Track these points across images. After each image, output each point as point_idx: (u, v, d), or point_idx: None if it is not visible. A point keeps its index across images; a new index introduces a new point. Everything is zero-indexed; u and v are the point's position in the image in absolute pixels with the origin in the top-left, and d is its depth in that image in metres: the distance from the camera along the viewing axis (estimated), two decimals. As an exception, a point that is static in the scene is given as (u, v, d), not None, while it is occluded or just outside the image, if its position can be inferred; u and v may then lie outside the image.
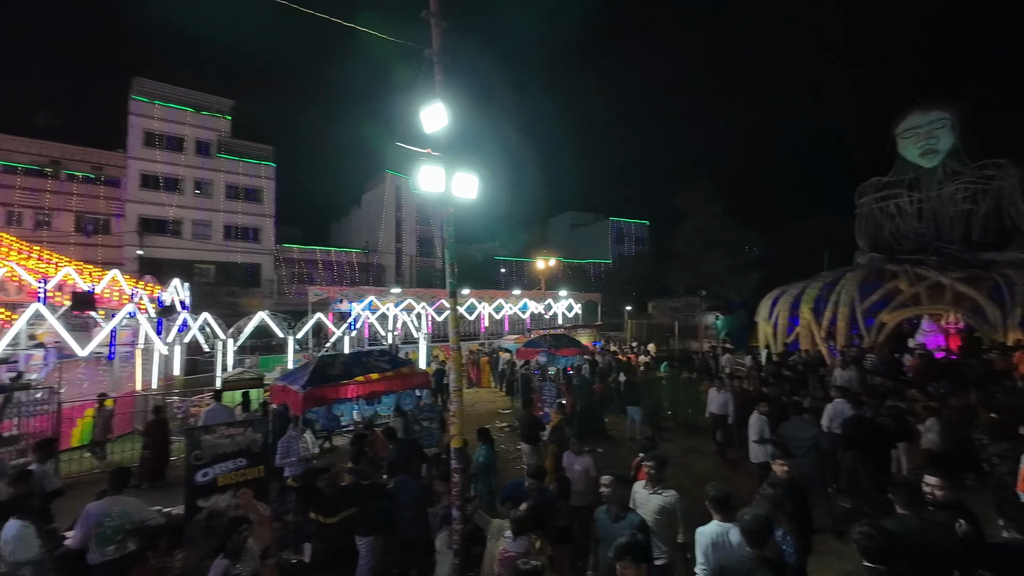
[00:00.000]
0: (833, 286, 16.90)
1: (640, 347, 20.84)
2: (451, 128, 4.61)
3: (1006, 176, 16.82)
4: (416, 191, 10.07)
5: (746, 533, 2.88)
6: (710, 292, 31.03)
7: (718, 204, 33.12)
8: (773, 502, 3.48)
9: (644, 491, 4.23)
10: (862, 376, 11.16)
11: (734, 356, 14.90)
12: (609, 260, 48.62)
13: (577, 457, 5.91)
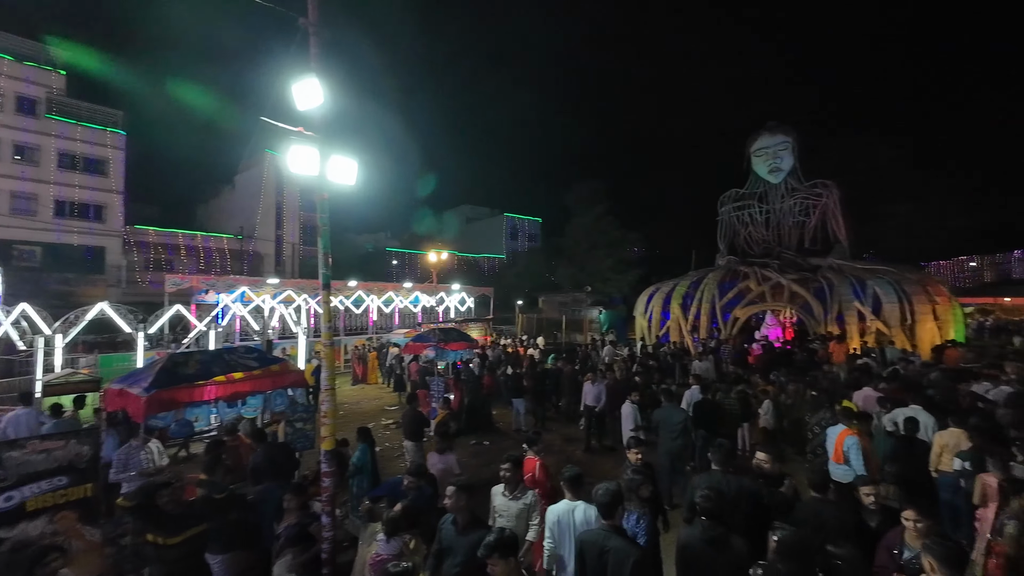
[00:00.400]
0: (698, 284, 18.83)
1: (530, 340, 21.48)
2: (328, 108, 4.26)
3: (830, 195, 20.01)
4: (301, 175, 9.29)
5: (601, 506, 3.10)
6: (595, 288, 33.01)
7: (603, 205, 35.31)
8: (630, 487, 3.72)
9: (503, 497, 4.03)
10: (718, 364, 12.62)
11: (614, 348, 15.94)
12: (503, 255, 49.48)
13: (440, 456, 5.66)
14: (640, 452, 4.64)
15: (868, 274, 16.14)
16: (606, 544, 2.99)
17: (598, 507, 3.17)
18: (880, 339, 14.26)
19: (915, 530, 3.05)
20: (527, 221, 54.94)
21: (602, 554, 2.98)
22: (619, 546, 2.96)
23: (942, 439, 5.47)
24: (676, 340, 17.74)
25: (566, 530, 3.50)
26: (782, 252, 19.83)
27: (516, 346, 19.68)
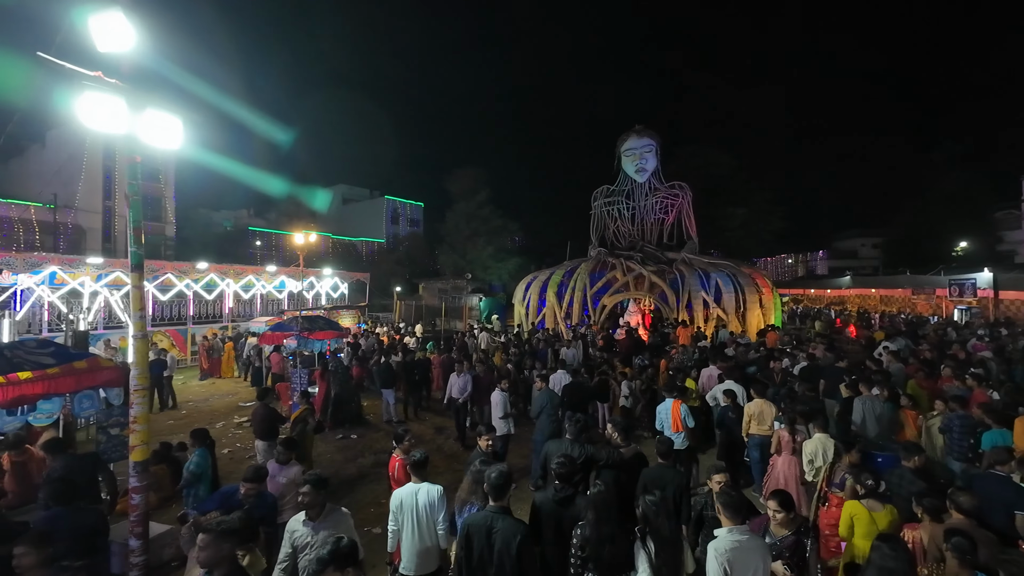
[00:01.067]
0: (572, 273, 19.85)
1: (407, 328, 20.93)
2: (143, 52, 3.51)
3: (685, 195, 22.32)
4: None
5: (493, 488, 3.17)
6: (475, 275, 33.24)
7: (485, 193, 35.56)
8: (476, 479, 3.70)
9: (304, 527, 3.41)
10: (586, 349, 13.42)
11: (490, 335, 16.15)
12: (383, 239, 47.54)
13: (281, 468, 4.73)
14: (491, 439, 4.64)
15: (712, 268, 18.36)
16: (494, 525, 3.06)
17: (491, 490, 3.19)
18: (718, 324, 16.35)
19: (779, 521, 3.17)
20: (409, 205, 53.32)
21: (490, 534, 3.04)
22: (506, 526, 3.04)
23: (750, 409, 6.46)
24: (551, 326, 18.53)
25: (408, 511, 3.63)
26: (644, 246, 21.69)
27: (393, 334, 19.04)
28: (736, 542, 2.93)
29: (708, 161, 35.94)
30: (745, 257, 29.34)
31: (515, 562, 2.94)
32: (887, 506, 3.82)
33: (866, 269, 44.72)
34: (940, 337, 13.89)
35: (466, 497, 3.72)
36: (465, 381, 8.75)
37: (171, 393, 11.83)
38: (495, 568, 2.99)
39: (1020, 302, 23.30)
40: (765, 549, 3.06)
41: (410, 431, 5.07)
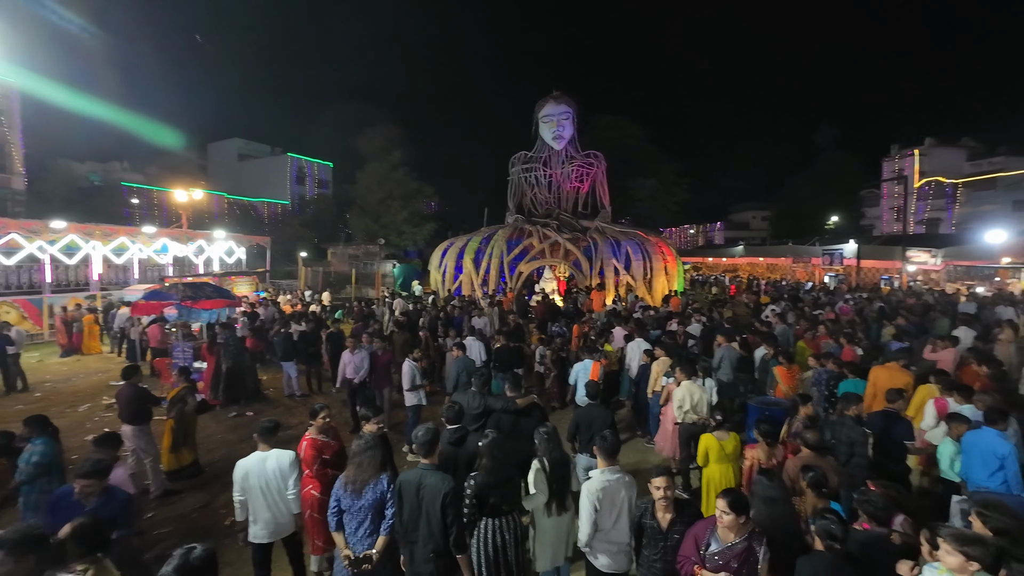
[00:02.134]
0: (489, 240, 19.57)
1: (314, 296, 19.65)
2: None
3: (600, 165, 22.69)
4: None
5: (422, 445, 3.35)
6: (389, 241, 31.88)
7: (399, 154, 33.84)
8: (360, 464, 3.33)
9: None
10: (503, 316, 13.35)
11: (405, 302, 15.56)
12: (287, 201, 43.97)
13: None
14: (381, 422, 4.18)
15: (623, 236, 18.97)
16: (422, 481, 3.22)
17: (419, 447, 3.35)
18: (628, 290, 17.04)
19: (727, 524, 2.77)
20: (316, 165, 49.54)
21: (419, 490, 3.21)
22: (433, 482, 3.21)
23: (658, 366, 6.84)
24: (468, 293, 18.26)
25: (256, 480, 3.64)
26: (560, 214, 21.87)
27: (296, 302, 17.75)
28: (607, 481, 3.32)
29: (622, 132, 36.91)
30: (653, 226, 30.84)
31: (440, 516, 3.12)
32: (731, 434, 4.57)
33: (756, 239, 49.15)
34: (815, 300, 15.55)
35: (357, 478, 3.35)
36: (361, 359, 7.68)
37: (20, 373, 10.09)
38: (424, 522, 3.18)
39: (876, 270, 26.84)
40: (630, 485, 3.41)
41: (327, 406, 4.50)
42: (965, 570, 2.30)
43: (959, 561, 2.31)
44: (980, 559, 2.27)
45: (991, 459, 4.10)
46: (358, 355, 7.70)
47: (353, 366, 7.65)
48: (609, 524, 3.29)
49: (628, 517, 3.31)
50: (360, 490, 3.28)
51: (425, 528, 3.16)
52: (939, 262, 24.88)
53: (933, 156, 39.82)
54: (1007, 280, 21.64)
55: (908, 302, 14.57)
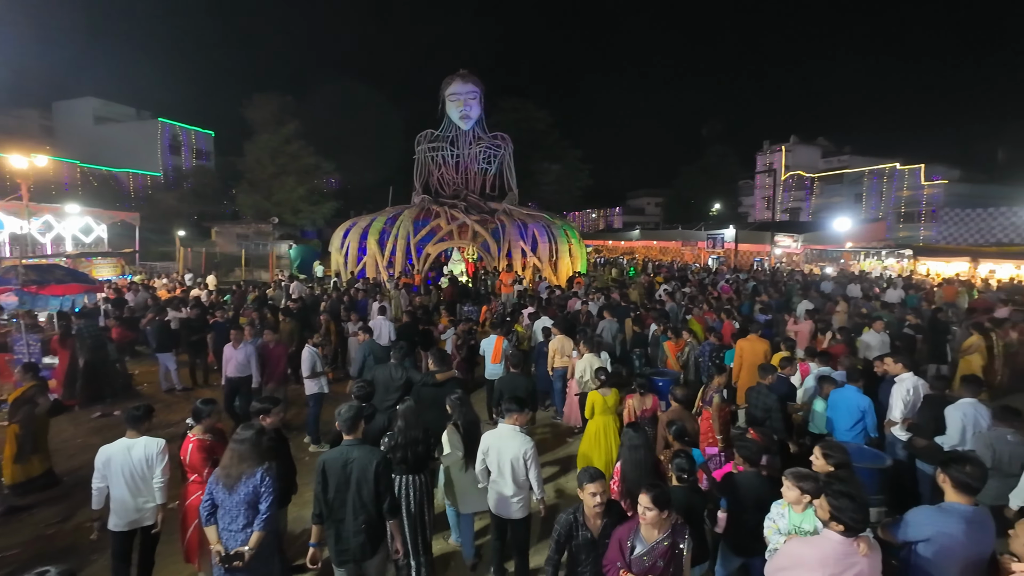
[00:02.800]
0: (395, 220, 18.92)
1: (198, 280, 17.74)
2: None
3: (507, 147, 22.77)
4: None
5: (345, 422, 3.33)
6: (284, 220, 29.51)
7: (294, 126, 31.20)
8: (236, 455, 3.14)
9: None
10: (410, 298, 13.05)
11: (303, 285, 14.59)
12: (159, 173, 38.84)
13: None
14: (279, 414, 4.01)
15: (530, 219, 19.34)
16: (349, 455, 3.25)
17: (342, 423, 3.34)
18: (535, 272, 17.48)
19: (650, 521, 2.73)
20: (194, 132, 44.13)
21: (346, 465, 3.22)
22: (361, 455, 3.25)
23: (554, 344, 7.19)
24: (373, 276, 17.57)
25: (119, 468, 3.55)
26: (468, 195, 21.70)
27: (176, 286, 15.94)
28: (498, 436, 3.79)
29: (528, 116, 37.31)
30: (558, 210, 31.73)
31: (372, 485, 3.19)
32: (613, 390, 5.19)
33: (651, 224, 52.71)
34: (700, 281, 17.11)
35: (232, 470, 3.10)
36: (246, 354, 6.60)
37: None
38: (353, 496, 3.20)
39: (751, 253, 30.11)
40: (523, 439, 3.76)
41: (216, 403, 4.02)
42: (800, 501, 2.83)
43: (796, 494, 2.84)
44: (810, 492, 2.79)
45: (855, 412, 4.86)
46: (243, 349, 6.62)
47: (235, 363, 6.57)
48: (495, 470, 3.77)
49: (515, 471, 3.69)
50: (234, 484, 3.08)
51: (355, 502, 3.20)
52: (799, 246, 28.52)
53: (796, 152, 45.28)
54: (850, 262, 25.42)
55: (761, 279, 16.58)
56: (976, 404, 4.34)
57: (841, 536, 2.45)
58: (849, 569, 2.43)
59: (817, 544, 2.52)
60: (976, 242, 28.25)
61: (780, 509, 3.00)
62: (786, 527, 2.93)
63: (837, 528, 2.45)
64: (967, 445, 4.18)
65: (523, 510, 3.76)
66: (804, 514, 2.87)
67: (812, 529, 2.80)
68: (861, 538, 2.47)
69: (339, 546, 3.25)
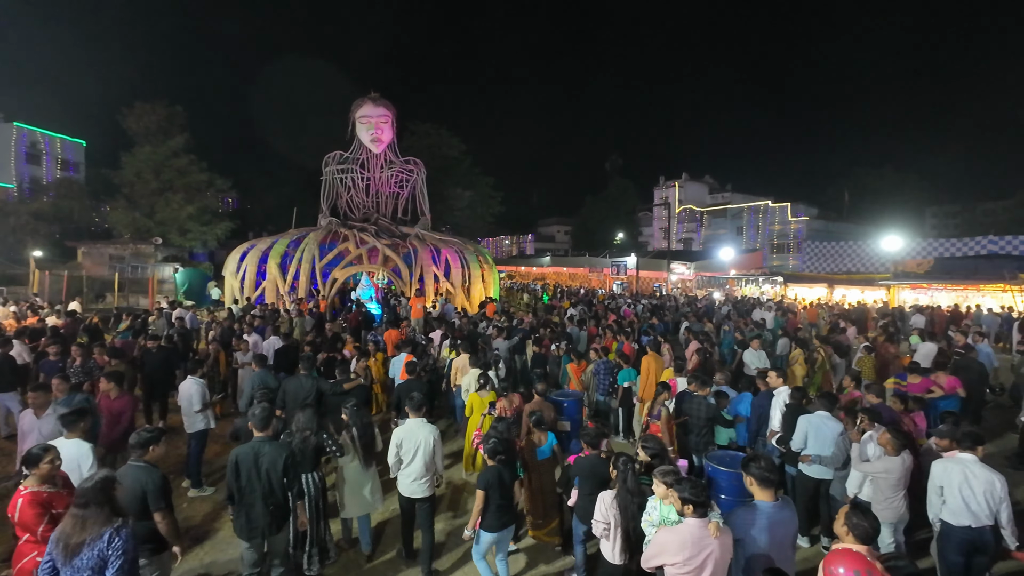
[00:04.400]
0: (298, 243, 17.93)
1: (56, 307, 15.40)
2: None
3: (419, 172, 22.70)
4: None
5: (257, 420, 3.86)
6: (168, 240, 26.74)
7: (182, 138, 28.70)
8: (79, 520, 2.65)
9: None
10: (320, 324, 12.37)
11: (189, 311, 13.23)
12: (11, 184, 33.65)
13: None
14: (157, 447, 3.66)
15: (443, 244, 19.28)
16: (261, 450, 3.76)
17: (256, 421, 3.86)
18: (442, 296, 17.37)
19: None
20: (60, 141, 39.01)
21: (257, 459, 3.73)
22: (271, 449, 3.79)
23: (457, 362, 7.61)
24: (272, 301, 16.40)
25: None
26: (379, 219, 21.22)
27: (29, 313, 13.71)
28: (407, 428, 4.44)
29: (441, 142, 37.59)
30: (471, 235, 32.02)
31: (280, 475, 3.73)
32: (491, 392, 6.03)
33: (560, 251, 54.91)
34: (605, 305, 18.05)
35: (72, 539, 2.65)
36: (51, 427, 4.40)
37: None
38: (262, 485, 3.72)
39: (650, 279, 32.37)
40: (431, 431, 4.44)
41: (54, 448, 3.44)
42: (666, 495, 3.18)
43: (662, 489, 3.21)
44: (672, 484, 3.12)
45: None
46: (49, 420, 4.50)
47: (35, 436, 4.42)
48: (408, 458, 4.38)
49: (423, 455, 4.36)
50: (74, 554, 2.62)
51: (264, 488, 3.73)
52: (692, 273, 31.20)
53: (687, 188, 49.99)
54: (734, 287, 28.25)
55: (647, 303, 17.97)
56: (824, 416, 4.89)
57: (696, 520, 2.86)
58: (703, 550, 2.82)
59: (677, 531, 2.93)
60: (832, 270, 32.76)
61: (653, 502, 3.36)
62: (657, 519, 3.31)
63: (690, 512, 2.88)
64: (809, 450, 4.83)
65: (429, 490, 4.43)
66: (671, 506, 3.23)
67: (677, 519, 3.13)
68: (713, 522, 2.87)
69: (249, 524, 3.78)
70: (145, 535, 3.31)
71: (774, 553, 2.98)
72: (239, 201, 37.14)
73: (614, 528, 3.41)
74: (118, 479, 2.94)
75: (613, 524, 3.41)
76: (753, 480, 3.15)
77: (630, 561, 3.39)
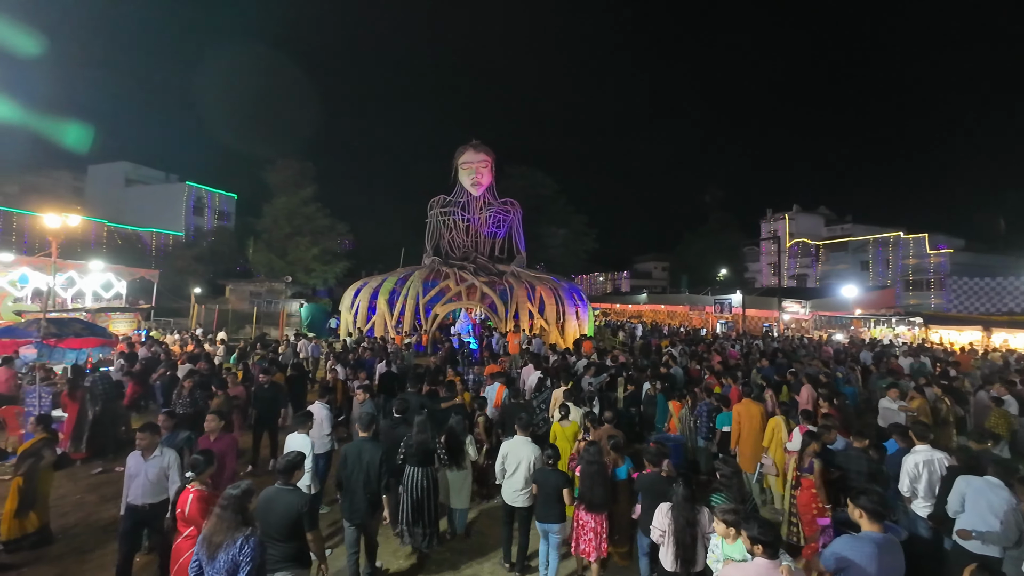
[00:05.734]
0: (405, 281, 19.32)
1: (209, 336, 17.95)
2: None
3: (516, 212, 23.60)
4: None
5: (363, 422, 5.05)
6: (296, 279, 30.17)
7: (311, 189, 32.69)
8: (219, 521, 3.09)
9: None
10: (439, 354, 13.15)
11: (312, 342, 14.72)
12: (181, 232, 40.32)
13: None
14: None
15: (537, 281, 19.65)
16: (363, 447, 4.69)
17: (361, 424, 5.01)
18: (542, 334, 17.50)
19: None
20: (218, 195, 46.24)
21: (360, 454, 4.63)
22: (372, 447, 4.71)
23: (556, 396, 7.67)
24: (382, 335, 17.70)
25: None
26: (477, 257, 22.25)
27: (189, 342, 16.10)
28: (514, 444, 5.08)
29: (535, 182, 38.85)
30: (565, 273, 32.24)
31: (377, 470, 4.57)
32: (572, 423, 6.32)
33: (658, 288, 53.03)
34: (708, 346, 16.99)
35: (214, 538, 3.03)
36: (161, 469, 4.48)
37: None
38: (363, 476, 4.55)
39: (758, 318, 30.02)
40: (534, 448, 5.00)
41: (211, 455, 4.09)
42: (727, 534, 3.34)
43: (722, 528, 3.36)
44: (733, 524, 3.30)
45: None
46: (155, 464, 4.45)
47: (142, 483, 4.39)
48: (511, 470, 4.98)
49: (526, 469, 4.91)
50: (214, 554, 2.96)
51: (363, 478, 4.54)
52: (807, 312, 28.43)
53: (799, 220, 46.21)
54: (860, 328, 25.21)
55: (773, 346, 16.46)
56: (994, 484, 4.12)
57: (766, 560, 2.86)
58: None
59: (744, 569, 2.97)
60: (987, 311, 28.05)
61: (716, 540, 3.53)
62: (720, 555, 3.46)
63: (759, 552, 2.89)
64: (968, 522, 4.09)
65: (528, 500, 4.89)
66: (734, 545, 3.35)
67: (741, 557, 3.25)
68: (784, 566, 2.84)
69: (351, 508, 4.59)
70: (293, 553, 3.54)
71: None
72: (354, 243, 40.99)
73: (668, 536, 3.77)
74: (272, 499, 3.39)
75: (668, 532, 3.78)
76: (863, 513, 3.16)
77: (683, 570, 3.72)
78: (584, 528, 4.63)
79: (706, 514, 3.80)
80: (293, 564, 3.54)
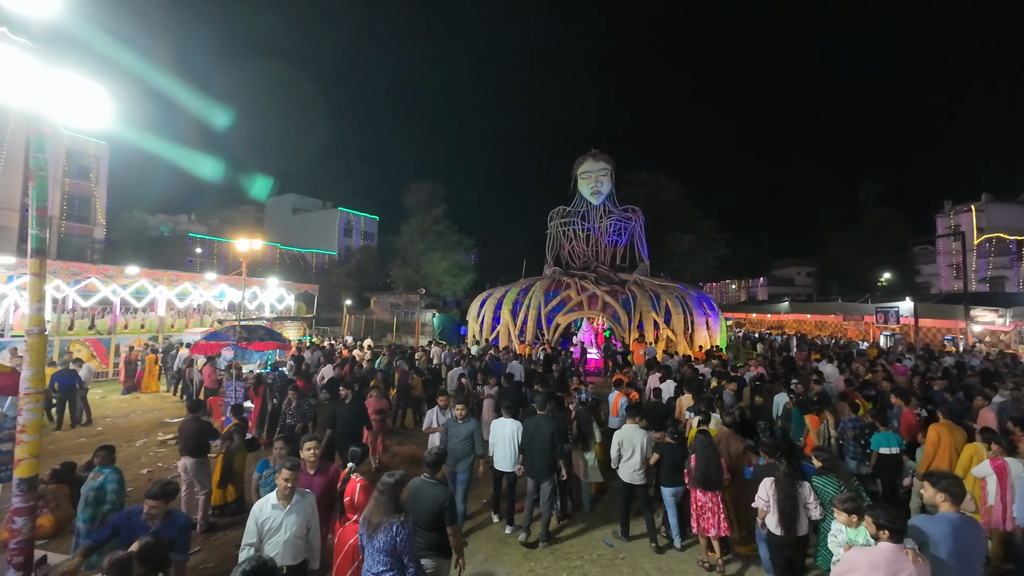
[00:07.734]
0: (527, 291, 19.83)
1: (357, 342, 20.19)
2: (59, 11, 3.13)
3: (637, 219, 22.96)
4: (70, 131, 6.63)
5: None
6: (429, 291, 32.66)
7: (441, 208, 35.27)
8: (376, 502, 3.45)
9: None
10: (547, 363, 13.34)
11: (443, 349, 15.78)
12: (334, 252, 46.14)
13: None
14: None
15: (662, 290, 18.82)
16: (540, 422, 5.74)
17: (537, 403, 6.06)
18: (668, 345, 16.68)
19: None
20: (364, 218, 52.17)
21: (537, 427, 5.71)
22: (545, 423, 5.73)
23: (681, 403, 8.02)
24: (506, 343, 18.34)
25: None
26: (598, 266, 22.03)
27: (342, 347, 18.28)
28: (627, 431, 5.83)
29: (658, 188, 37.32)
30: (692, 281, 30.41)
31: (549, 440, 5.65)
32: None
33: (801, 296, 47.44)
34: (870, 362, 14.71)
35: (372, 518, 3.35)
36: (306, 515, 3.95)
37: (85, 408, 10.70)
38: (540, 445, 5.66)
39: (935, 329, 25.28)
40: (644, 433, 5.80)
41: (367, 448, 4.69)
42: (849, 521, 3.64)
43: (844, 517, 3.66)
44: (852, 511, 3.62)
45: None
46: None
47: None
48: (627, 455, 5.72)
49: (640, 452, 5.68)
50: (373, 532, 3.26)
51: (541, 447, 5.62)
52: (1008, 322, 23.24)
53: (990, 212, 38.15)
54: (1087, 343, 19.92)
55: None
56: None
57: (891, 544, 2.95)
58: (899, 573, 2.88)
59: (870, 552, 3.05)
60: None
61: (838, 526, 3.80)
62: (844, 540, 3.71)
63: (885, 536, 2.99)
64: None
65: (644, 478, 5.73)
66: (857, 530, 3.60)
67: (864, 541, 3.47)
68: (910, 549, 2.93)
69: (531, 467, 5.67)
70: (436, 543, 3.79)
71: (958, 564, 3.05)
72: (479, 256, 43.25)
73: (772, 504, 4.41)
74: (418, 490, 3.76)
75: (772, 501, 4.42)
76: (946, 496, 3.26)
77: (786, 534, 4.35)
78: (703, 508, 5.14)
79: (807, 487, 4.43)
80: (435, 553, 3.75)
